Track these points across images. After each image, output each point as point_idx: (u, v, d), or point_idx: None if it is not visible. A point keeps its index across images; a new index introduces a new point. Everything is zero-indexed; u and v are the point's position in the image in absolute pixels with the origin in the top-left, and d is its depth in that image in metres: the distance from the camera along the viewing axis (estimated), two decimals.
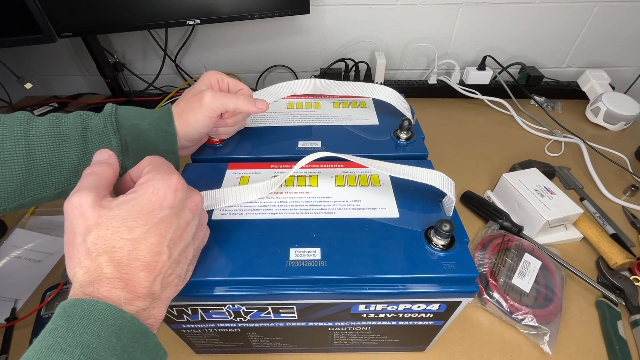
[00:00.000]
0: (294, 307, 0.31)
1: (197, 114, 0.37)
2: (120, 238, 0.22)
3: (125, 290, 0.21)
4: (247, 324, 0.34)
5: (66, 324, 0.19)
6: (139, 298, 0.22)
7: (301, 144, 0.41)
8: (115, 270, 0.21)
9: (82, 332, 0.19)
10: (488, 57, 0.83)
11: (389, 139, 0.42)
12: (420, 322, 0.34)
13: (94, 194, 0.23)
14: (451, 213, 0.33)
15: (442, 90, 0.86)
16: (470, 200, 0.59)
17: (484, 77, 0.84)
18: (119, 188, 0.28)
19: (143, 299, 0.22)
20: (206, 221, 0.29)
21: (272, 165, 0.38)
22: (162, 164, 0.27)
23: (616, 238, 0.53)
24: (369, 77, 0.87)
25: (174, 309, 0.31)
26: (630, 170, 0.66)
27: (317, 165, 0.38)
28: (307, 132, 0.44)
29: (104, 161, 0.26)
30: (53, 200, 0.34)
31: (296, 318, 0.33)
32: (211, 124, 0.38)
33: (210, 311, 0.31)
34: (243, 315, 0.32)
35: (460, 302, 0.31)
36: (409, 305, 0.31)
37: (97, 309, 0.20)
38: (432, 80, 0.86)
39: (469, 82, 0.85)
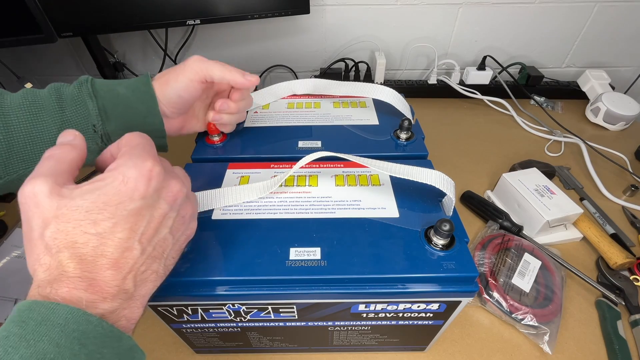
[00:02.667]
0: (294, 306, 0.31)
1: (178, 74, 0.35)
2: (84, 232, 0.20)
3: (88, 291, 0.19)
4: (247, 324, 0.34)
5: (19, 331, 0.17)
6: (106, 299, 0.20)
7: (301, 144, 0.41)
8: (77, 268, 0.19)
9: (37, 340, 0.17)
10: (488, 57, 0.83)
11: (389, 139, 0.42)
12: (420, 322, 0.34)
13: (51, 181, 0.20)
14: (451, 213, 0.33)
15: (442, 90, 0.86)
16: (470, 200, 0.59)
17: (484, 77, 0.84)
18: (99, 166, 0.26)
19: (111, 300, 0.20)
20: (190, 213, 0.26)
21: (272, 165, 0.38)
22: (138, 145, 0.24)
23: (616, 238, 0.53)
24: (369, 77, 0.87)
25: (174, 308, 0.31)
26: (630, 170, 0.66)
27: (317, 165, 0.38)
28: (307, 132, 0.44)
29: (67, 142, 0.23)
30: None
31: (296, 318, 0.33)
32: (194, 90, 0.36)
33: (210, 311, 0.31)
34: (243, 314, 0.32)
35: (460, 301, 0.31)
36: (408, 305, 0.31)
37: (57, 313, 0.18)
38: (432, 80, 0.86)
39: (469, 82, 0.85)
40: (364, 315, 0.33)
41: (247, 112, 0.47)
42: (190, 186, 0.28)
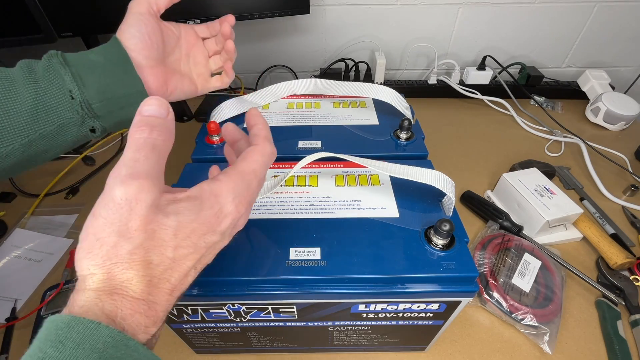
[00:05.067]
0: (294, 306, 0.31)
1: (125, 17, 0.35)
2: (161, 254, 0.19)
3: (145, 315, 0.19)
4: (247, 324, 0.34)
5: (55, 353, 0.16)
6: (156, 323, 0.19)
7: (301, 144, 0.41)
8: (144, 290, 0.19)
9: None
10: (488, 57, 0.83)
11: (389, 139, 0.42)
12: (420, 322, 0.34)
13: (157, 190, 0.19)
14: (451, 213, 0.33)
15: (442, 90, 0.86)
16: (470, 200, 0.59)
17: (484, 77, 0.84)
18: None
19: (159, 323, 0.20)
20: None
21: (272, 165, 0.38)
22: (247, 173, 0.23)
23: (616, 238, 0.53)
24: (369, 77, 0.87)
25: (174, 308, 0.31)
26: (630, 170, 0.66)
27: (317, 165, 0.38)
28: (307, 132, 0.44)
29: (164, 125, 0.21)
30: (24, 154, 0.31)
31: (296, 318, 0.33)
32: (148, 23, 0.35)
33: (210, 311, 0.31)
34: (243, 314, 0.32)
35: (460, 301, 0.31)
36: (408, 305, 0.31)
37: (96, 336, 0.17)
38: (432, 81, 0.86)
39: (469, 82, 0.85)
40: (364, 315, 0.33)
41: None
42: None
